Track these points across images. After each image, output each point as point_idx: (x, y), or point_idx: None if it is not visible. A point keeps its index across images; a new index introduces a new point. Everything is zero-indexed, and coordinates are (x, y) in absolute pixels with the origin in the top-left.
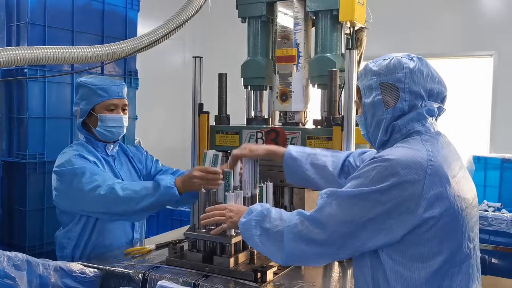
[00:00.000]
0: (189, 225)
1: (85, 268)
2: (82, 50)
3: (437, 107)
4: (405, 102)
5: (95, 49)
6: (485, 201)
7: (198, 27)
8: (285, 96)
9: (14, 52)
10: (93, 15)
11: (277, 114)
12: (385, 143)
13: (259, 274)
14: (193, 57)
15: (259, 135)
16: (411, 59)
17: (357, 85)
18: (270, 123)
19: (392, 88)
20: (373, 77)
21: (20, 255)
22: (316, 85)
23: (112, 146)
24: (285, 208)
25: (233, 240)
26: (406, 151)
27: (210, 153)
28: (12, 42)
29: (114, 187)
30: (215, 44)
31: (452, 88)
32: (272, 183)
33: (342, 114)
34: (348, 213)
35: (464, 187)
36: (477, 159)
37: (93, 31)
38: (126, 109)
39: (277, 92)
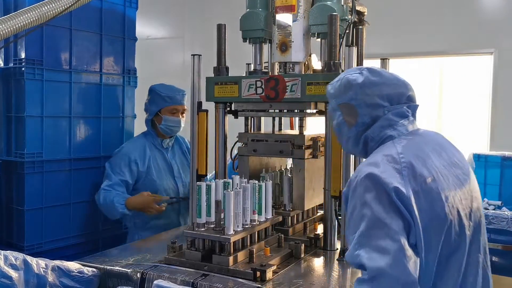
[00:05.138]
0: (187, 224)
1: (83, 267)
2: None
3: (406, 107)
4: (365, 116)
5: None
6: (485, 199)
7: (198, 26)
8: (284, 46)
9: None
10: (91, 13)
11: (276, 66)
12: (364, 153)
13: (258, 273)
14: (191, 55)
15: (259, 84)
16: (361, 73)
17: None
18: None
19: (348, 107)
20: (332, 99)
21: (17, 254)
22: (316, 35)
23: (168, 140)
24: (284, 207)
25: (232, 239)
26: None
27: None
28: (9, 39)
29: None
30: (215, 43)
31: (452, 86)
32: (271, 181)
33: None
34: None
35: (447, 185)
36: (477, 157)
37: (91, 29)
38: (184, 113)
39: (276, 43)
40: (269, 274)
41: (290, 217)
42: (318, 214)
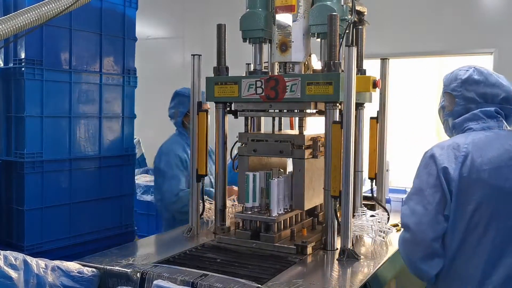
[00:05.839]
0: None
1: (82, 267)
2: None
3: (498, 108)
4: (460, 106)
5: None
6: None
7: (198, 26)
8: (284, 46)
9: None
10: (91, 13)
11: (276, 66)
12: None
13: (300, 248)
14: (191, 55)
15: (259, 84)
16: (468, 70)
17: None
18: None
19: (450, 96)
20: (443, 87)
21: (17, 254)
22: (316, 35)
23: None
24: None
25: (277, 220)
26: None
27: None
28: (9, 39)
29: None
30: (215, 43)
31: None
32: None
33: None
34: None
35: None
36: None
37: (91, 29)
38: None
39: (276, 43)
40: (309, 249)
41: (320, 204)
42: None
